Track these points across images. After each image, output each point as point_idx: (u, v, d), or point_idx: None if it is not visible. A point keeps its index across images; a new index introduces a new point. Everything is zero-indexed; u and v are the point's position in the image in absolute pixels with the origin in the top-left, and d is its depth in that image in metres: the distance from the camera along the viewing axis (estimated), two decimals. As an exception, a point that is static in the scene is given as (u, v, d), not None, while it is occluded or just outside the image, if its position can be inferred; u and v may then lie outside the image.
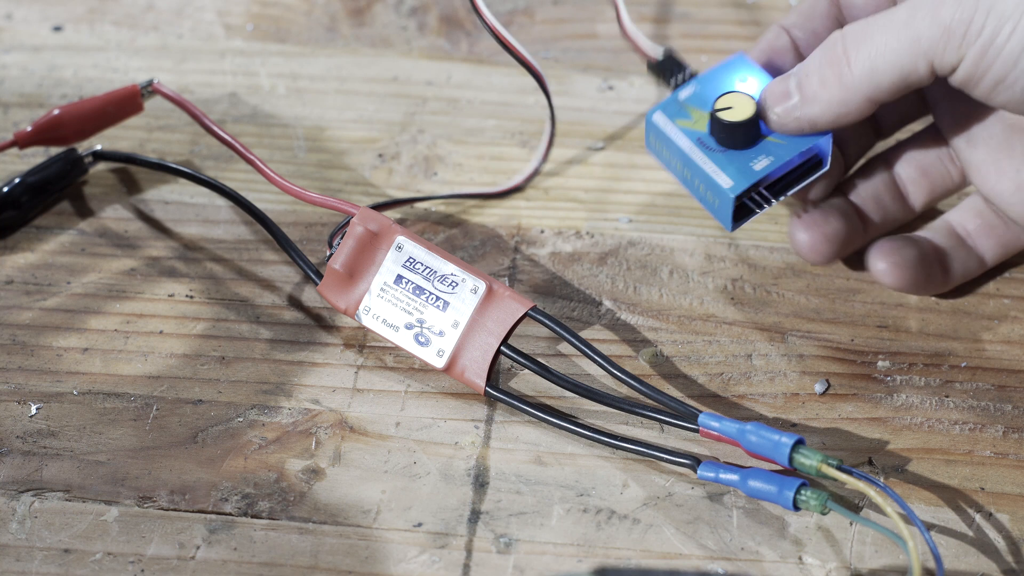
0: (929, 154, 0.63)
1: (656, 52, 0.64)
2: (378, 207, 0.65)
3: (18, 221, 0.66)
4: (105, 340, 0.62)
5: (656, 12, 0.75)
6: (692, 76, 0.63)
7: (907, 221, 0.64)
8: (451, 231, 0.66)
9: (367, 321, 0.61)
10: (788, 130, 0.60)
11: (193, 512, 0.57)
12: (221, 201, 0.67)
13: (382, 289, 0.61)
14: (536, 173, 0.68)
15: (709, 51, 0.73)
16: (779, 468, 0.57)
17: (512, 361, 0.61)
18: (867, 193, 0.63)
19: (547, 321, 0.60)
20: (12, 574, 0.56)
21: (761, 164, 0.60)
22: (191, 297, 0.64)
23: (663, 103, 0.62)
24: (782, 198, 0.61)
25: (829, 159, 0.61)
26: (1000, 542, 0.57)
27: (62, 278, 0.64)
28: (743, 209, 0.61)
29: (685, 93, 0.62)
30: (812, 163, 0.61)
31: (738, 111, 0.60)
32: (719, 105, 0.60)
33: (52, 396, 0.60)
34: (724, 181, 0.60)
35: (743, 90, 0.61)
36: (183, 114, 0.68)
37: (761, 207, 0.61)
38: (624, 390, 0.60)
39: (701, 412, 0.58)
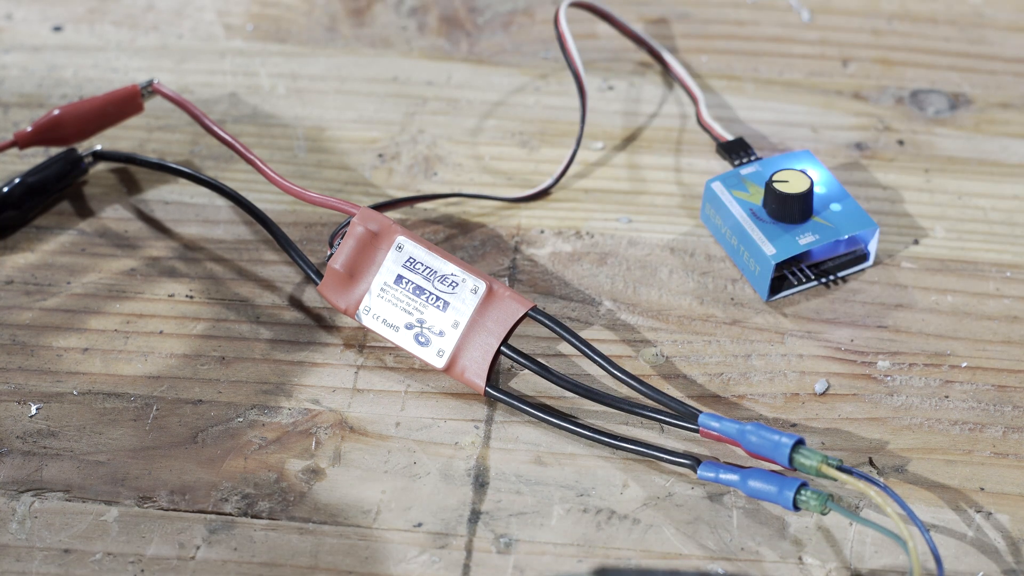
0: None
1: (727, 135, 0.68)
2: (378, 207, 0.65)
3: (18, 221, 0.66)
4: (105, 340, 0.62)
5: (656, 12, 0.75)
6: (757, 159, 0.67)
7: None
8: (451, 231, 0.66)
9: (367, 321, 0.61)
10: None
11: (193, 512, 0.57)
12: (221, 201, 0.67)
13: (382, 289, 0.61)
14: (557, 182, 0.68)
15: (709, 51, 0.73)
16: (779, 468, 0.57)
17: (512, 361, 0.61)
18: None
19: (547, 321, 0.60)
20: (12, 574, 0.56)
21: (806, 239, 0.63)
22: (191, 297, 0.64)
23: (723, 175, 0.65)
24: (823, 281, 0.64)
25: (873, 256, 0.64)
26: (1000, 542, 0.57)
27: (62, 278, 0.64)
28: (783, 280, 0.64)
29: (747, 170, 0.65)
30: (857, 255, 0.65)
31: (793, 185, 0.63)
32: (776, 178, 0.64)
33: (52, 396, 0.60)
34: (768, 248, 0.63)
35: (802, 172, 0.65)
36: (183, 114, 0.68)
37: (800, 282, 0.64)
38: (624, 390, 0.60)
39: (701, 412, 0.58)
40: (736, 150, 0.67)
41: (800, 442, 0.56)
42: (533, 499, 0.58)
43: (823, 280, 0.64)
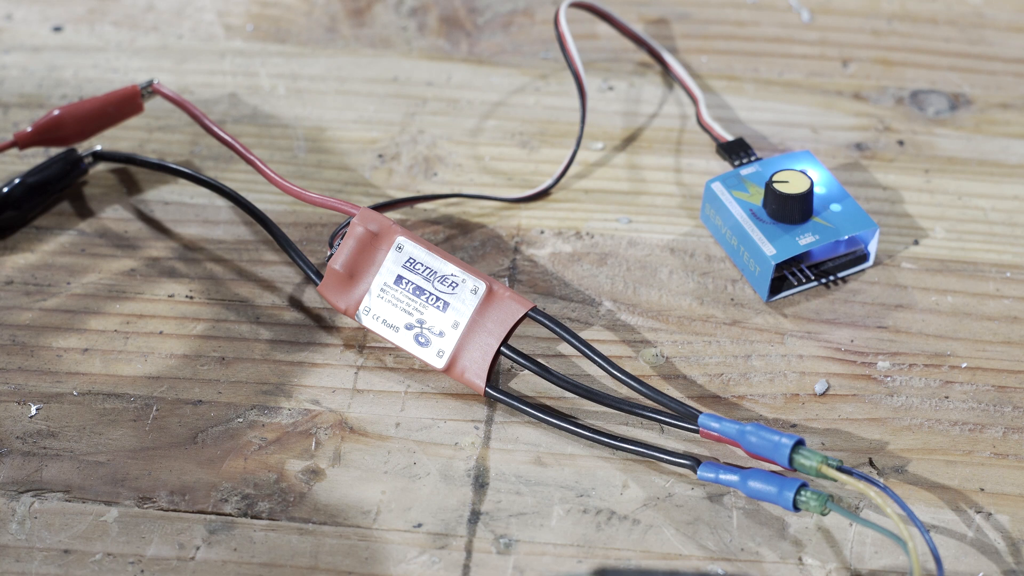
0: None
1: (727, 136, 0.68)
2: (378, 207, 0.65)
3: (18, 221, 0.66)
4: (105, 340, 0.62)
5: (656, 12, 0.75)
6: (757, 159, 0.67)
7: None
8: (451, 231, 0.66)
9: (367, 321, 0.61)
10: None
11: (193, 512, 0.57)
12: (221, 201, 0.67)
13: (382, 289, 0.61)
14: (557, 182, 0.68)
15: (709, 51, 0.73)
16: (779, 469, 0.57)
17: (512, 361, 0.61)
18: None
19: (547, 321, 0.60)
20: (12, 574, 0.56)
21: (806, 240, 0.63)
22: (191, 297, 0.64)
23: (723, 175, 0.65)
24: (823, 281, 0.64)
25: (873, 256, 0.64)
26: (1000, 542, 0.57)
27: (62, 278, 0.64)
28: (783, 281, 0.64)
29: (747, 171, 0.65)
30: (858, 255, 0.65)
31: (793, 186, 0.63)
32: (776, 178, 0.64)
33: (52, 396, 0.60)
34: (768, 249, 0.63)
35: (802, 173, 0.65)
36: (183, 114, 0.68)
37: (800, 282, 0.64)
38: (624, 390, 0.60)
39: (701, 413, 0.58)
40: (736, 150, 0.67)
41: (800, 443, 0.56)
42: (533, 499, 0.58)
43: (823, 280, 0.64)
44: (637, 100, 0.71)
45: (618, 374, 0.59)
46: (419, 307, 0.60)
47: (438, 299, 0.60)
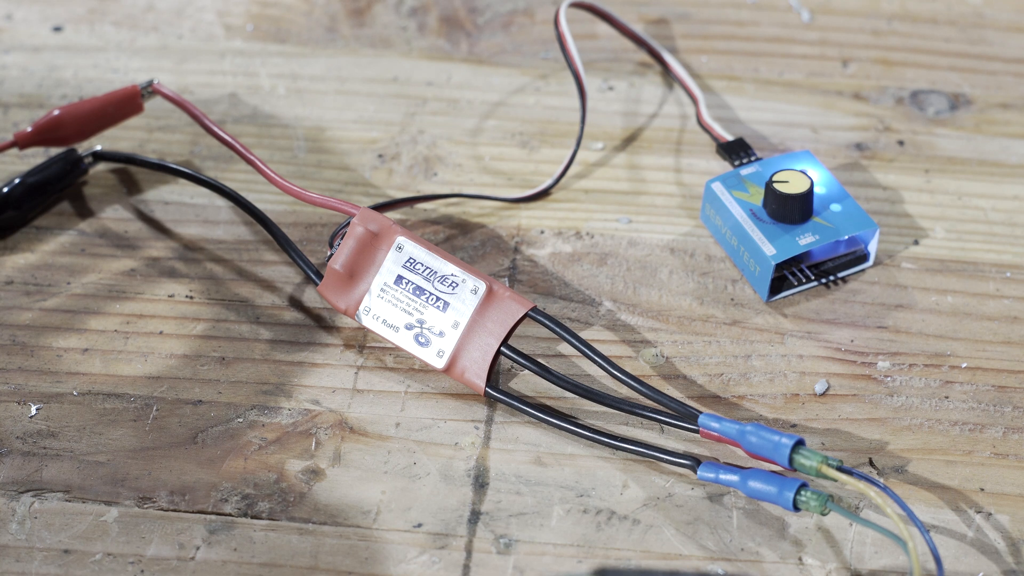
0: None
1: (727, 136, 0.68)
2: (378, 207, 0.65)
3: (18, 221, 0.66)
4: (105, 340, 0.62)
5: (656, 12, 0.75)
6: (757, 159, 0.67)
7: None
8: (451, 231, 0.66)
9: (367, 321, 0.61)
10: None
11: (193, 513, 0.57)
12: (221, 201, 0.67)
13: (382, 289, 0.61)
14: (557, 182, 0.68)
15: (709, 51, 0.73)
16: (779, 469, 0.57)
17: (512, 361, 0.61)
18: None
19: (547, 321, 0.60)
20: (12, 574, 0.56)
21: (806, 240, 0.63)
22: (191, 297, 0.64)
23: (723, 175, 0.65)
24: (823, 281, 0.64)
25: (873, 256, 0.64)
26: (1000, 542, 0.57)
27: (62, 278, 0.64)
28: (783, 281, 0.64)
29: (747, 171, 0.65)
30: (858, 255, 0.65)
31: (793, 186, 0.63)
32: (776, 178, 0.64)
33: (52, 396, 0.60)
34: (768, 249, 0.63)
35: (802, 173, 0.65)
36: (183, 114, 0.68)
37: (800, 282, 0.64)
38: (624, 390, 0.60)
39: (701, 413, 0.58)
40: (736, 150, 0.67)
41: (800, 443, 0.56)
42: (533, 499, 0.58)
43: (823, 280, 0.64)
44: (637, 100, 0.71)
45: (618, 374, 0.59)
46: (419, 307, 0.60)
47: (438, 299, 0.60)
